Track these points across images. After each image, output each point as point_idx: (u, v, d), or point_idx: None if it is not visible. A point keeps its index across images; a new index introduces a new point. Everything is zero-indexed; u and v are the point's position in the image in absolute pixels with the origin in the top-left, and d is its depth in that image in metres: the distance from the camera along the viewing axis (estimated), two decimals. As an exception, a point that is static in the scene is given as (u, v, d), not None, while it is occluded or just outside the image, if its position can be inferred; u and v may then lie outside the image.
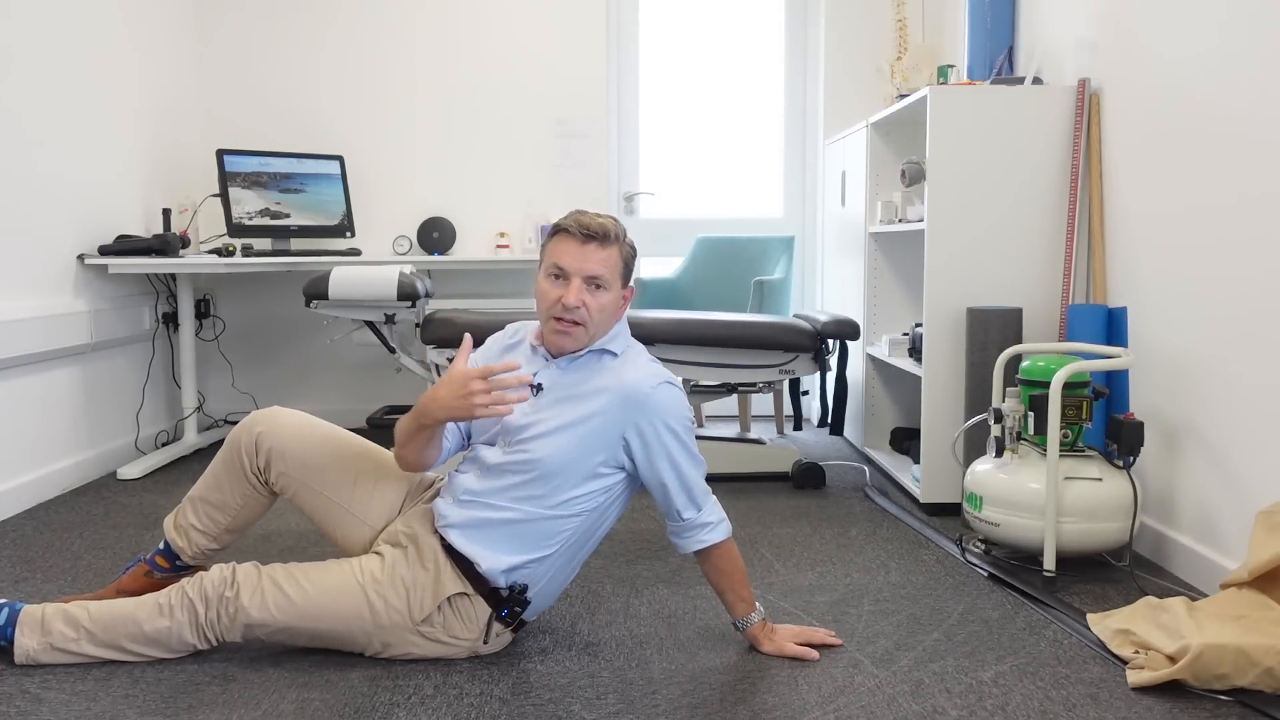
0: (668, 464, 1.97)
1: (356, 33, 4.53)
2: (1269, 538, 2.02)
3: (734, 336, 3.33)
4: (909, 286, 3.85)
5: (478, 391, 1.81)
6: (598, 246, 1.95)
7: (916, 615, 2.26)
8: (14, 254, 3.15)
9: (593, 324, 1.97)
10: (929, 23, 4.43)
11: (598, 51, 4.58)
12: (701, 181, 4.85)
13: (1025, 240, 3.06)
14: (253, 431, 2.09)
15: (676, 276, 4.52)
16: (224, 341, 4.59)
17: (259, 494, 2.13)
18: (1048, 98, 3.04)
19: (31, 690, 1.85)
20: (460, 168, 4.59)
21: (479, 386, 1.81)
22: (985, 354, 2.91)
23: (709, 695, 1.85)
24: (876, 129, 3.83)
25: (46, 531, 2.92)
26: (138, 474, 3.58)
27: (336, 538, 2.11)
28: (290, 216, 4.20)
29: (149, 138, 4.04)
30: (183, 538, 2.14)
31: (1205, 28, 2.47)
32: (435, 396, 1.86)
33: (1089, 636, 2.11)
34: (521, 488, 1.96)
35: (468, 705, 1.81)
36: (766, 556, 2.69)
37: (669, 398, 1.98)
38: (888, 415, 3.89)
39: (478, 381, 1.81)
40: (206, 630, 1.93)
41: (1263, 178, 2.25)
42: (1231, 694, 1.83)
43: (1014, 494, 2.50)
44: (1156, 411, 2.69)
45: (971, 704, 1.82)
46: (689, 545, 2.01)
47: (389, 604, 1.93)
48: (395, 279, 3.48)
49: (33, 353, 3.18)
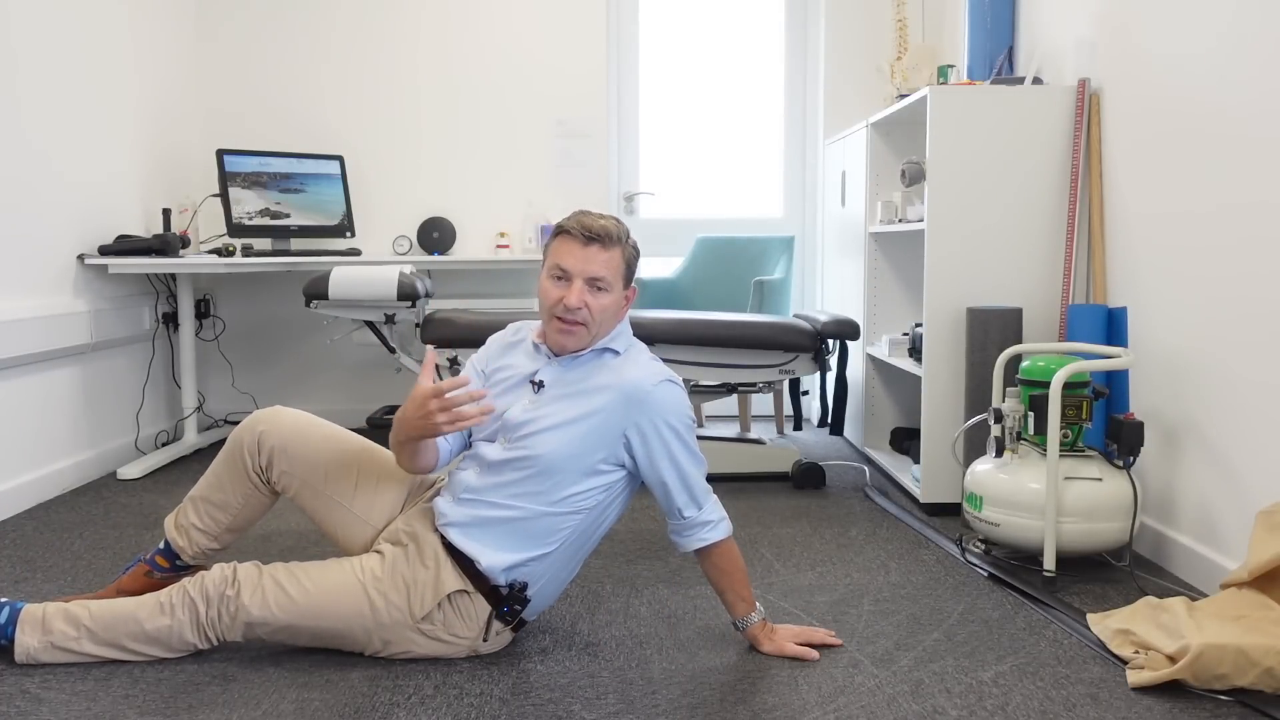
0: (668, 462, 1.97)
1: (357, 32, 4.53)
2: (1269, 538, 2.02)
3: (734, 336, 3.33)
4: (909, 286, 3.85)
5: (435, 411, 1.83)
6: (600, 248, 1.96)
7: (916, 615, 2.26)
8: (14, 254, 3.15)
9: (594, 324, 1.97)
10: (929, 23, 4.43)
11: (598, 51, 4.58)
12: (701, 181, 4.85)
13: (1025, 240, 3.06)
14: (255, 430, 2.10)
15: (676, 276, 4.52)
16: (224, 341, 4.59)
17: (260, 493, 2.13)
18: (1048, 98, 3.04)
19: (31, 690, 1.85)
20: (460, 168, 4.59)
21: (435, 406, 1.83)
22: (985, 354, 2.91)
23: (709, 695, 1.85)
24: (876, 129, 3.83)
25: (46, 531, 2.92)
26: (138, 474, 3.58)
27: (338, 537, 2.11)
28: (290, 216, 4.20)
29: (149, 138, 4.04)
30: (183, 537, 2.14)
31: (1205, 28, 2.47)
32: (403, 417, 1.89)
33: (1089, 636, 2.11)
34: (521, 484, 1.96)
35: (468, 705, 1.82)
36: (766, 556, 2.69)
37: (670, 396, 1.98)
38: (888, 415, 3.89)
39: (434, 401, 1.83)
40: (207, 629, 1.93)
41: (1263, 178, 2.25)
42: (1231, 694, 1.84)
43: (1014, 494, 2.50)
44: (1156, 411, 2.69)
45: (971, 704, 1.82)
46: (689, 544, 2.01)
47: (389, 601, 1.93)
48: (395, 279, 3.48)
49: (33, 353, 3.18)
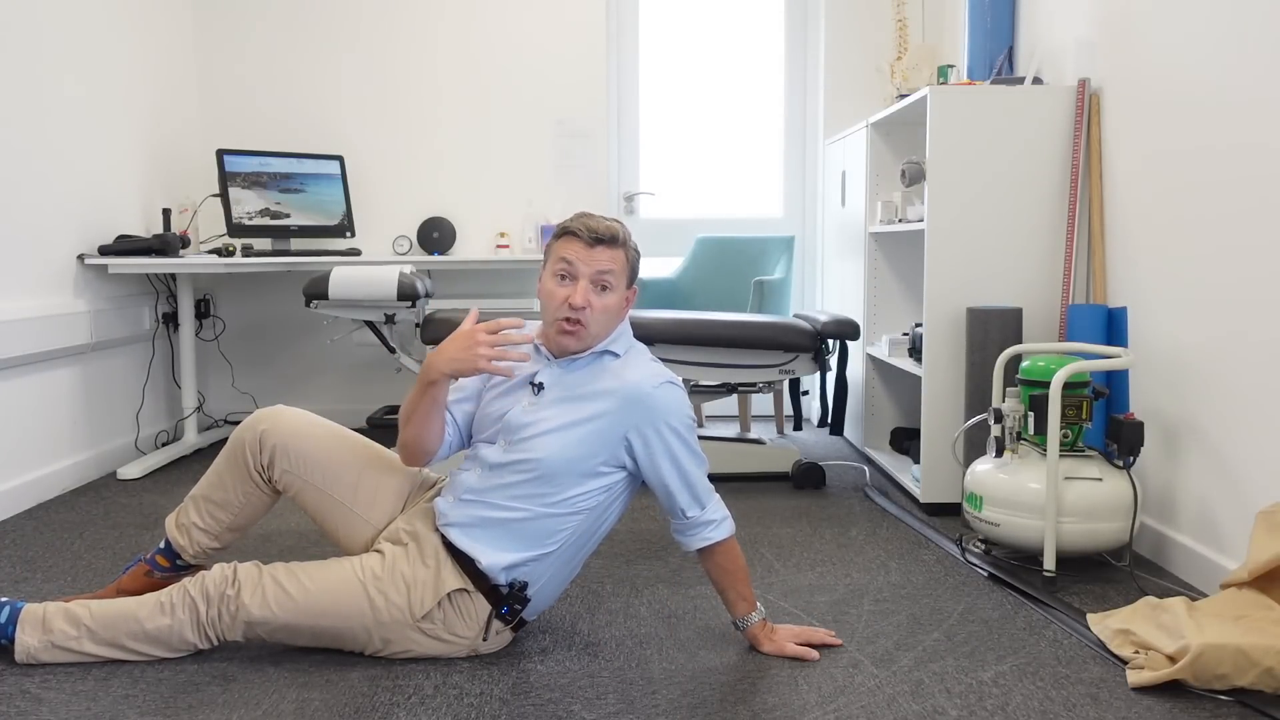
0: (670, 463, 1.98)
1: (357, 33, 4.53)
2: (1269, 538, 2.02)
3: (734, 336, 3.33)
4: (909, 286, 3.85)
5: (483, 343, 1.87)
6: (605, 248, 1.97)
7: (916, 615, 2.26)
8: (14, 254, 3.15)
9: (596, 325, 1.98)
10: (929, 23, 4.43)
11: (598, 51, 4.58)
12: (701, 181, 4.85)
13: (1025, 240, 3.06)
14: (257, 429, 2.10)
15: (676, 276, 4.52)
16: (224, 341, 4.59)
17: (261, 491, 2.13)
18: (1048, 98, 3.04)
19: (31, 690, 1.85)
20: (460, 168, 4.59)
21: (485, 339, 1.88)
22: (985, 354, 2.91)
23: (709, 695, 1.85)
24: (876, 129, 3.83)
25: (46, 531, 2.92)
26: (138, 474, 3.58)
27: (338, 536, 2.11)
28: (290, 216, 4.20)
29: (149, 138, 4.04)
30: (184, 536, 2.14)
31: (1205, 28, 2.47)
32: (441, 350, 1.91)
33: (1089, 636, 2.11)
34: (522, 486, 1.96)
35: (468, 705, 1.82)
36: (766, 556, 2.69)
37: (671, 397, 1.98)
38: (888, 415, 3.89)
39: (484, 335, 1.88)
40: (208, 629, 1.93)
41: (1263, 177, 2.25)
42: (1231, 694, 1.84)
43: (1014, 494, 2.50)
44: (1156, 411, 2.69)
45: (971, 704, 1.82)
46: (692, 543, 2.01)
47: (389, 600, 1.93)
48: (395, 279, 3.48)
49: (33, 353, 3.18)
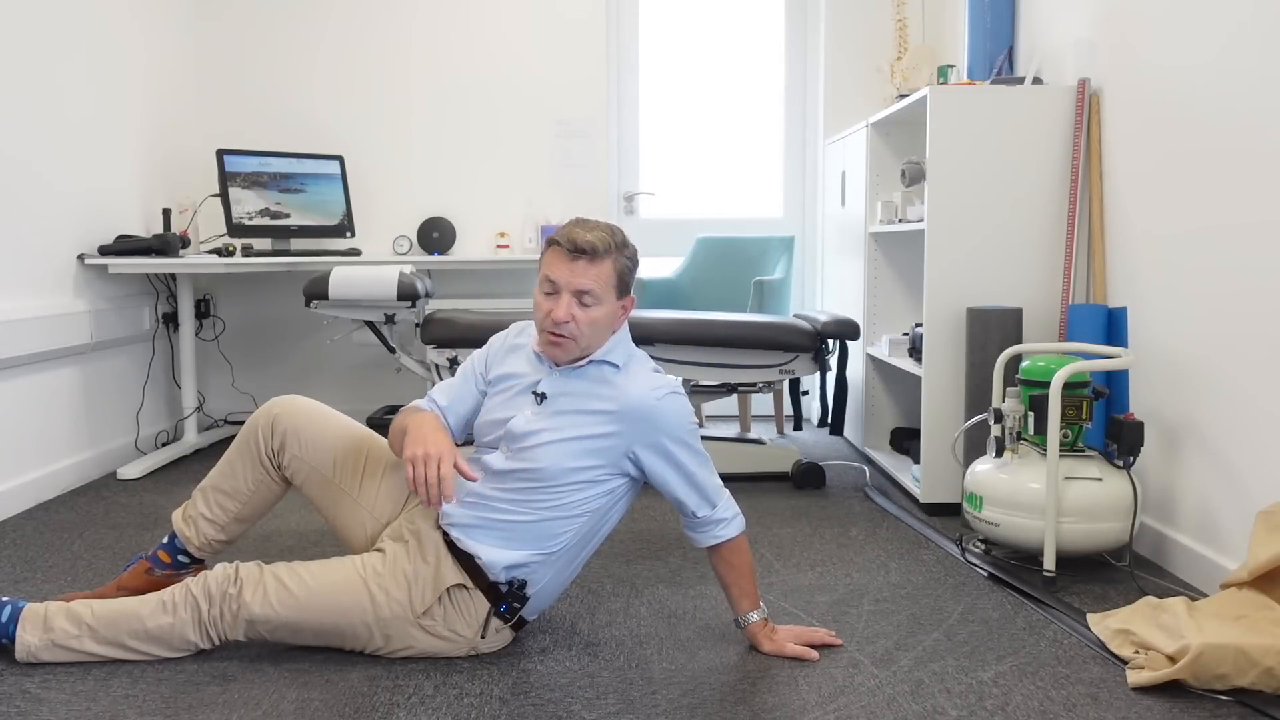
0: (677, 473, 1.99)
1: (357, 33, 4.53)
2: (1269, 538, 2.02)
3: (734, 336, 3.33)
4: (909, 286, 3.85)
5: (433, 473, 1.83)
6: (587, 262, 1.94)
7: (916, 615, 2.26)
8: (14, 254, 3.15)
9: (584, 337, 1.97)
10: (929, 23, 4.43)
11: (598, 51, 4.58)
12: (701, 181, 4.85)
13: (1025, 240, 3.06)
14: (270, 414, 2.13)
15: (676, 276, 4.52)
16: (224, 341, 4.59)
17: (271, 479, 2.15)
18: (1048, 98, 3.04)
19: (31, 690, 1.85)
20: (460, 168, 4.59)
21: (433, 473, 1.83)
22: (985, 354, 2.91)
23: (709, 695, 1.85)
24: (876, 129, 3.83)
25: (46, 531, 2.92)
26: (138, 474, 3.58)
27: (340, 526, 2.13)
28: (290, 216, 4.20)
29: (149, 138, 4.04)
30: (190, 528, 2.15)
31: (1206, 28, 2.47)
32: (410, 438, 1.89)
33: (1089, 636, 2.11)
34: (524, 492, 1.97)
35: (468, 705, 1.82)
36: (766, 556, 2.69)
37: (674, 409, 1.98)
38: (888, 415, 3.89)
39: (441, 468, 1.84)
40: (209, 628, 1.93)
41: (1263, 177, 2.25)
42: (1231, 694, 1.84)
43: (1014, 494, 2.50)
44: (1156, 411, 2.69)
45: (971, 704, 1.82)
46: (704, 540, 2.03)
47: (390, 596, 1.94)
48: (395, 279, 3.48)
49: (33, 353, 3.18)
